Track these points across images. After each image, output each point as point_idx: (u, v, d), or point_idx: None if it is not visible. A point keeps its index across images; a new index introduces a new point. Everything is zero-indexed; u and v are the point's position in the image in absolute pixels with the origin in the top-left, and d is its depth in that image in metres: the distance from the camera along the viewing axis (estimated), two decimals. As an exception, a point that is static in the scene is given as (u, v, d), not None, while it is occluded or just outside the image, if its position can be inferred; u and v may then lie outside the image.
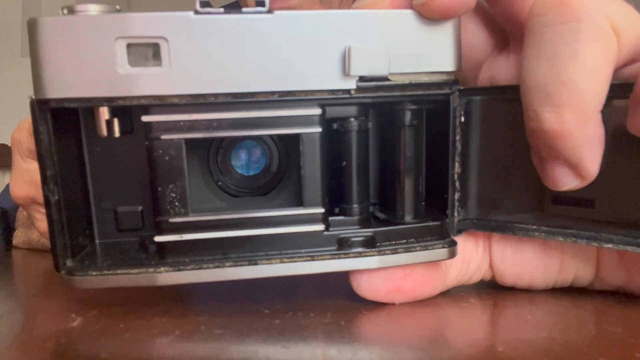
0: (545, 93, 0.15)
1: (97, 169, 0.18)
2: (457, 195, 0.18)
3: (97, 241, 0.18)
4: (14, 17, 3.00)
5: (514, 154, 0.18)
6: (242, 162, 0.19)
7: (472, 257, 0.20)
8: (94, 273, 0.16)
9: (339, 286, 0.22)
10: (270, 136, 0.18)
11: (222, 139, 0.18)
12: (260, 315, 0.17)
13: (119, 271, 0.16)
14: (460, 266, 0.19)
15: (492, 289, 0.21)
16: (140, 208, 0.18)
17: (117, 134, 0.17)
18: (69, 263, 0.16)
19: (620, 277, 0.19)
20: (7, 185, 0.40)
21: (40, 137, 0.15)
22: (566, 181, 0.16)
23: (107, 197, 0.18)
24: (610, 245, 0.17)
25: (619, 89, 0.15)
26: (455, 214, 0.18)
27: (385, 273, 0.17)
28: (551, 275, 0.19)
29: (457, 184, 0.18)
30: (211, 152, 0.18)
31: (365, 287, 0.18)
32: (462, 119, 0.18)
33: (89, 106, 0.15)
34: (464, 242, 0.19)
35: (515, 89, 0.16)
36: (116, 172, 0.18)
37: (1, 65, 2.85)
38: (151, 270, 0.16)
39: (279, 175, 0.19)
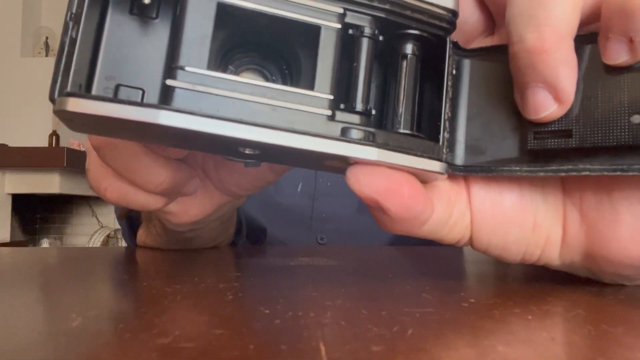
0: (528, 17, 0.18)
1: (113, 43, 0.18)
2: (446, 135, 0.20)
3: None
4: (14, 17, 3.00)
5: (499, 107, 0.20)
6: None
7: (456, 202, 0.20)
8: (92, 97, 0.15)
9: (339, 286, 0.22)
10: (278, 66, 0.20)
11: (230, 61, 0.20)
12: (260, 315, 0.17)
13: (119, 102, 0.15)
14: (446, 206, 0.20)
15: (492, 290, 0.21)
16: (142, 90, 0.18)
17: None
18: (67, 90, 0.16)
19: (582, 239, 0.20)
20: None
21: None
22: (546, 105, 0.18)
23: (113, 73, 0.18)
24: (587, 173, 0.18)
25: (587, 38, 0.19)
26: (444, 150, 0.20)
27: (386, 172, 0.18)
28: (526, 231, 0.20)
29: (446, 124, 0.20)
30: (219, 70, 0.19)
31: (365, 181, 0.18)
32: (454, 72, 0.20)
33: None
34: (449, 185, 0.20)
35: (500, 49, 0.20)
36: (129, 53, 0.18)
37: (1, 65, 2.85)
38: (155, 107, 0.15)
39: None
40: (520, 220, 0.20)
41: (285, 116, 0.17)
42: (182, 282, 0.22)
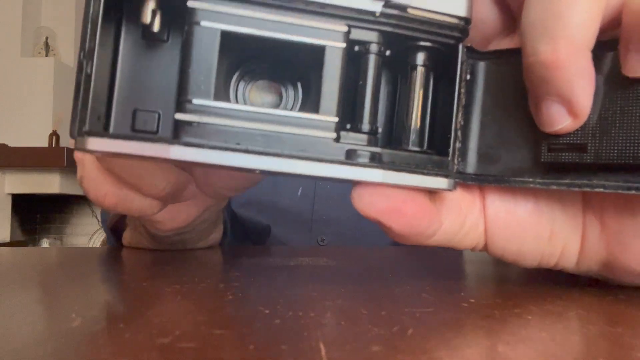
0: (542, 27, 0.17)
1: (128, 69, 0.19)
2: (458, 145, 0.19)
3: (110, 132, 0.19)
4: (14, 17, 3.00)
5: (514, 113, 0.19)
6: (259, 98, 0.20)
7: (468, 212, 0.20)
8: (109, 136, 0.16)
9: (339, 286, 0.22)
10: (291, 77, 0.20)
11: (243, 72, 0.20)
12: (260, 315, 0.17)
13: (133, 138, 0.16)
14: (456, 217, 0.20)
15: (492, 290, 0.21)
16: (158, 113, 0.19)
17: (156, 27, 0.18)
18: (85, 128, 0.17)
19: (602, 249, 0.20)
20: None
21: (91, 8, 0.17)
22: (560, 119, 0.18)
23: (129, 98, 0.19)
24: (601, 189, 0.18)
25: (609, 44, 0.18)
26: (455, 161, 0.19)
27: (389, 192, 0.18)
28: (541, 240, 0.20)
29: (458, 133, 0.19)
30: (233, 80, 0.20)
31: (367, 201, 0.18)
32: (468, 77, 0.20)
33: None
34: (461, 196, 0.20)
35: (516, 52, 0.18)
36: (143, 77, 0.19)
37: (1, 65, 2.85)
38: (165, 142, 0.16)
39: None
40: (536, 230, 0.20)
41: (291, 142, 0.17)
42: (182, 282, 0.22)
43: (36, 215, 3.04)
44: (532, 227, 0.20)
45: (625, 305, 0.19)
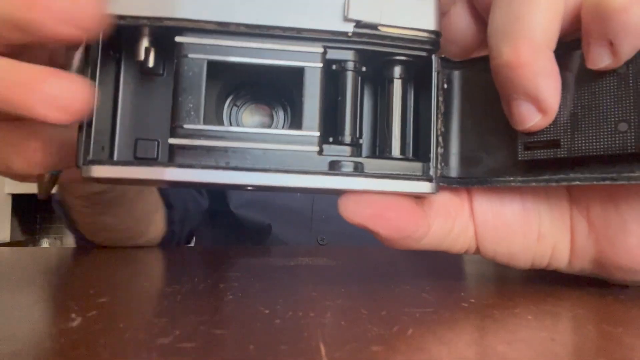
0: (504, 31, 0.18)
1: (128, 103, 0.20)
2: (440, 150, 0.20)
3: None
4: (14, 17, 2.97)
5: (492, 116, 0.20)
6: (251, 121, 0.22)
7: (457, 215, 0.20)
8: (110, 163, 0.18)
9: (339, 286, 0.22)
10: (279, 99, 0.21)
11: (235, 98, 0.21)
12: (260, 315, 0.17)
13: (132, 164, 0.18)
14: (444, 220, 0.20)
15: (492, 290, 0.21)
16: (157, 141, 0.20)
17: (151, 63, 0.19)
18: (89, 158, 0.18)
19: (591, 247, 0.20)
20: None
21: (91, 50, 0.18)
22: (530, 116, 0.18)
23: (131, 129, 0.20)
24: (577, 183, 0.18)
25: (576, 44, 0.18)
26: (438, 166, 0.20)
27: (372, 198, 0.19)
28: (530, 241, 0.20)
29: (439, 139, 0.20)
30: (226, 106, 0.21)
31: (352, 209, 0.19)
32: (445, 85, 0.21)
33: (135, 25, 0.18)
34: (449, 200, 0.21)
35: (488, 59, 0.19)
36: (143, 109, 0.20)
37: (1, 65, 2.83)
38: (161, 165, 0.18)
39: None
40: (524, 231, 0.20)
41: (276, 157, 0.19)
42: (182, 282, 0.22)
43: (36, 215, 3.04)
44: (520, 228, 0.20)
45: (625, 305, 0.19)
